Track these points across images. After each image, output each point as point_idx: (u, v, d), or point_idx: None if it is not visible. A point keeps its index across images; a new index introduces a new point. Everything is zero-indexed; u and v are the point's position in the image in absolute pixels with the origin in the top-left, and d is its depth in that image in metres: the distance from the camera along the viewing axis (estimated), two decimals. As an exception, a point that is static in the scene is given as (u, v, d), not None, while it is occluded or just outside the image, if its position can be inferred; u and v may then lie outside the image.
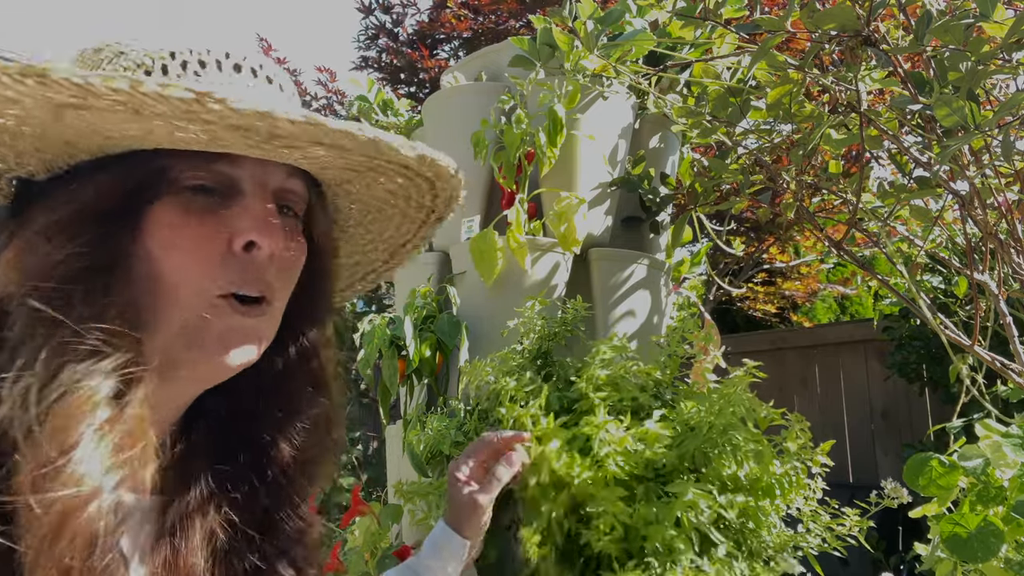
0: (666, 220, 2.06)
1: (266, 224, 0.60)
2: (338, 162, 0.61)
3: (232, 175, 0.60)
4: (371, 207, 0.73)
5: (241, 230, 0.59)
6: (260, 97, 0.62)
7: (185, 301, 0.58)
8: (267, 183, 0.62)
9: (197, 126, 0.51)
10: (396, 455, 1.82)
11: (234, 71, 0.63)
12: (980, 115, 1.07)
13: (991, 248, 1.46)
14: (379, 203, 0.72)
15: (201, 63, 0.62)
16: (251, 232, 0.59)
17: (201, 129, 0.51)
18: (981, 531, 0.98)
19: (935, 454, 1.09)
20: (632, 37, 1.61)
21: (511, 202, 1.72)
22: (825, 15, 1.14)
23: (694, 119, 1.62)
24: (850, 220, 1.55)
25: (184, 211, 0.58)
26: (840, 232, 2.78)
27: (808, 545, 1.30)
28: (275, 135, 0.52)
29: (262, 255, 0.60)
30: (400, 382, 1.74)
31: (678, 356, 1.46)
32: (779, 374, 4.36)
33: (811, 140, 1.46)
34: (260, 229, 0.59)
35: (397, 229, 0.76)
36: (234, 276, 0.59)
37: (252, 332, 0.61)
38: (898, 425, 4.06)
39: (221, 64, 0.63)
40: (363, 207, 0.73)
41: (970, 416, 1.78)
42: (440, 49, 4.82)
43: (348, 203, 0.73)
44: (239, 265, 0.59)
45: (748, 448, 1.27)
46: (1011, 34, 1.02)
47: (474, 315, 1.76)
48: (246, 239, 0.59)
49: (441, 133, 1.97)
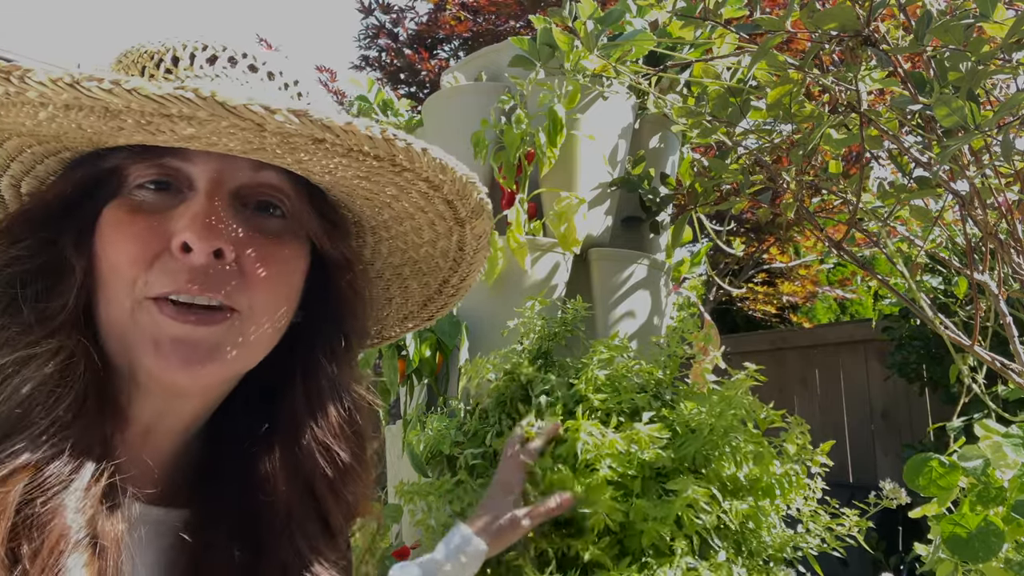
0: (666, 220, 2.06)
1: (204, 223, 0.55)
2: (267, 143, 0.53)
3: (185, 171, 0.57)
4: (398, 214, 0.66)
5: (177, 230, 0.55)
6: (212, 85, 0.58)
7: (116, 300, 0.56)
8: (224, 179, 0.58)
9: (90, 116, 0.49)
10: (396, 455, 1.82)
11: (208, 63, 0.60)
12: (980, 115, 1.07)
13: (991, 248, 1.46)
14: (395, 207, 0.65)
15: (190, 58, 0.60)
16: (185, 232, 0.54)
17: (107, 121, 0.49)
18: (981, 531, 0.98)
19: (935, 454, 1.09)
20: (632, 37, 1.61)
21: (511, 202, 1.72)
22: (825, 15, 1.14)
23: (694, 119, 1.62)
24: (850, 220, 1.55)
25: (131, 209, 0.56)
26: (840, 232, 2.78)
27: (808, 545, 1.30)
28: (185, 116, 0.48)
29: (199, 257, 0.55)
30: (400, 382, 1.74)
31: (678, 356, 1.46)
32: (779, 374, 4.36)
33: (811, 140, 1.46)
34: (196, 228, 0.54)
35: (433, 238, 0.69)
36: (167, 278, 0.55)
37: (203, 344, 0.56)
38: (898, 425, 4.06)
39: (194, 58, 0.59)
40: (393, 215, 0.66)
41: (970, 416, 1.78)
42: (440, 49, 4.82)
43: (370, 211, 0.66)
44: (175, 267, 0.55)
45: (748, 449, 1.27)
46: (1011, 34, 1.02)
47: (474, 315, 1.76)
48: (180, 239, 0.55)
49: (441, 133, 1.97)
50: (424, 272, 0.74)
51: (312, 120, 0.49)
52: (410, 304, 0.79)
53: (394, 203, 0.63)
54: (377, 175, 0.58)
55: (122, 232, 0.56)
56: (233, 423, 0.65)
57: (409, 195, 0.62)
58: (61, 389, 0.51)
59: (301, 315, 0.65)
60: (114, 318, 0.56)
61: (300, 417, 0.65)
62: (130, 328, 0.56)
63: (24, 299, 0.54)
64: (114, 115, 0.49)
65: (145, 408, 0.59)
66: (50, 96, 0.47)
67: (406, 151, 0.55)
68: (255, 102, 0.47)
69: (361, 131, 0.52)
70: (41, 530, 0.47)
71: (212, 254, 0.55)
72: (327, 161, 0.55)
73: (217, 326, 0.57)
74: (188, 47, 0.60)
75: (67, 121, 0.50)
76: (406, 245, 0.71)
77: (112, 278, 0.56)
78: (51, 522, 0.47)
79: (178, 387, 0.58)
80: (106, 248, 0.56)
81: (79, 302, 0.55)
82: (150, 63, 0.59)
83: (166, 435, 0.62)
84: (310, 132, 0.50)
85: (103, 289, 0.56)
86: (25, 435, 0.49)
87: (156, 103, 0.46)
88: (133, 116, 0.48)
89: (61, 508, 0.48)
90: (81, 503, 0.49)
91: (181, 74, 0.58)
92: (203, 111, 0.47)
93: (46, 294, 0.54)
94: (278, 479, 0.64)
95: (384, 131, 0.53)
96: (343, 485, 0.66)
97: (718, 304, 4.22)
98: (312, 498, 0.65)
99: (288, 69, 0.63)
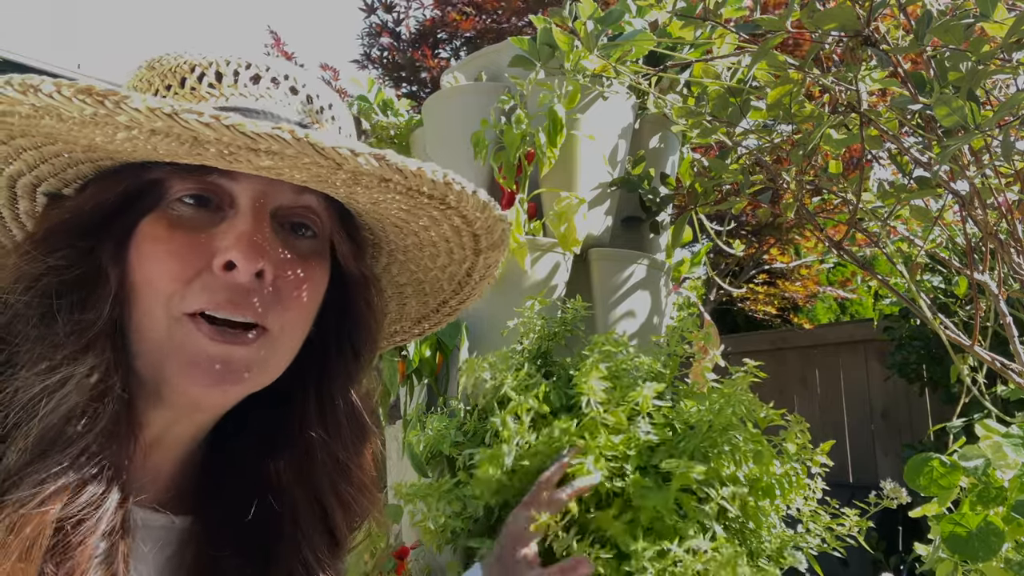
0: (666, 220, 2.06)
1: (250, 243, 0.56)
2: (334, 178, 0.56)
3: (227, 189, 0.58)
4: (422, 242, 0.68)
5: (221, 248, 0.56)
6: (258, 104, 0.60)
7: (150, 314, 0.56)
8: (266, 200, 0.58)
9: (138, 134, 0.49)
10: (396, 455, 1.82)
11: (252, 82, 0.60)
12: (980, 115, 1.07)
13: (991, 248, 1.46)
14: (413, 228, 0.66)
15: (235, 74, 0.60)
16: (231, 251, 0.55)
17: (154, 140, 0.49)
18: (981, 531, 0.98)
19: (935, 454, 1.09)
20: (632, 37, 1.61)
21: (511, 202, 1.72)
22: (825, 15, 1.14)
23: (694, 119, 1.62)
24: (850, 220, 1.55)
25: (170, 224, 0.57)
26: (840, 232, 2.78)
27: (808, 545, 1.30)
28: (251, 148, 0.49)
29: (242, 277, 0.56)
30: (400, 382, 1.74)
31: (678, 356, 1.46)
32: (779, 374, 4.36)
33: (811, 140, 1.46)
34: (242, 248, 0.55)
35: (446, 263, 0.71)
36: (206, 295, 0.55)
37: (237, 363, 0.57)
38: (898, 425, 4.06)
39: (239, 76, 0.60)
40: (416, 241, 0.68)
41: (970, 416, 1.78)
42: (442, 48, 4.82)
43: (393, 232, 0.68)
44: (216, 284, 0.56)
45: (748, 448, 1.27)
46: (1011, 34, 1.02)
47: (474, 315, 1.76)
48: (225, 258, 0.55)
49: (441, 133, 1.97)
50: (426, 292, 0.76)
51: (389, 164, 0.52)
52: (404, 320, 0.80)
53: (422, 232, 0.65)
54: (420, 209, 0.60)
55: (162, 247, 0.56)
56: (239, 431, 0.66)
57: (440, 227, 0.64)
58: (98, 408, 0.52)
59: (314, 329, 0.65)
60: (148, 333, 0.56)
61: (311, 428, 0.65)
62: (166, 344, 0.56)
63: (59, 310, 0.53)
64: (199, 144, 0.49)
65: (157, 419, 0.59)
66: (142, 122, 0.47)
67: (459, 193, 0.58)
68: (343, 146, 0.49)
69: (428, 175, 0.54)
70: (71, 551, 0.48)
71: (255, 274, 0.56)
72: (380, 195, 0.57)
73: (249, 346, 0.57)
74: (231, 63, 0.60)
75: (145, 143, 0.50)
76: (417, 268, 0.72)
77: (148, 292, 0.56)
78: (81, 543, 0.48)
79: (204, 404, 0.59)
80: (144, 262, 0.56)
81: (113, 314, 0.55)
82: (191, 75, 0.59)
83: (173, 445, 0.62)
84: (382, 174, 0.53)
85: (137, 302, 0.56)
86: (62, 455, 0.49)
87: (249, 139, 0.47)
88: (218, 147, 0.49)
89: (91, 530, 0.49)
90: (110, 525, 0.50)
91: (225, 91, 0.59)
92: (291, 149, 0.48)
93: (80, 305, 0.54)
94: (287, 488, 0.64)
95: (446, 175, 0.56)
96: (351, 497, 0.67)
97: (718, 304, 4.22)
98: (320, 508, 0.65)
99: (324, 93, 0.64)
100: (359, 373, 0.69)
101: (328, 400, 0.67)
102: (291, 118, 0.60)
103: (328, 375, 0.67)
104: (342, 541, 0.67)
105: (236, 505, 0.63)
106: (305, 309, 0.62)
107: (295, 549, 0.63)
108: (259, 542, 0.63)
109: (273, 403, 0.65)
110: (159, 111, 0.45)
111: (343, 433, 0.67)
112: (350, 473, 0.67)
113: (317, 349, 0.66)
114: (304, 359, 0.65)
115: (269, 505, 0.64)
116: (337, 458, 0.66)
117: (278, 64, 0.62)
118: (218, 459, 0.66)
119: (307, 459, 0.65)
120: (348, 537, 0.68)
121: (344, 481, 0.66)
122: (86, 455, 0.50)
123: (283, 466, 0.65)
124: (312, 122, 0.62)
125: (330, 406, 0.67)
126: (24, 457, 0.48)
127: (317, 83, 0.64)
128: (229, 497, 0.64)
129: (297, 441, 0.65)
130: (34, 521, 0.46)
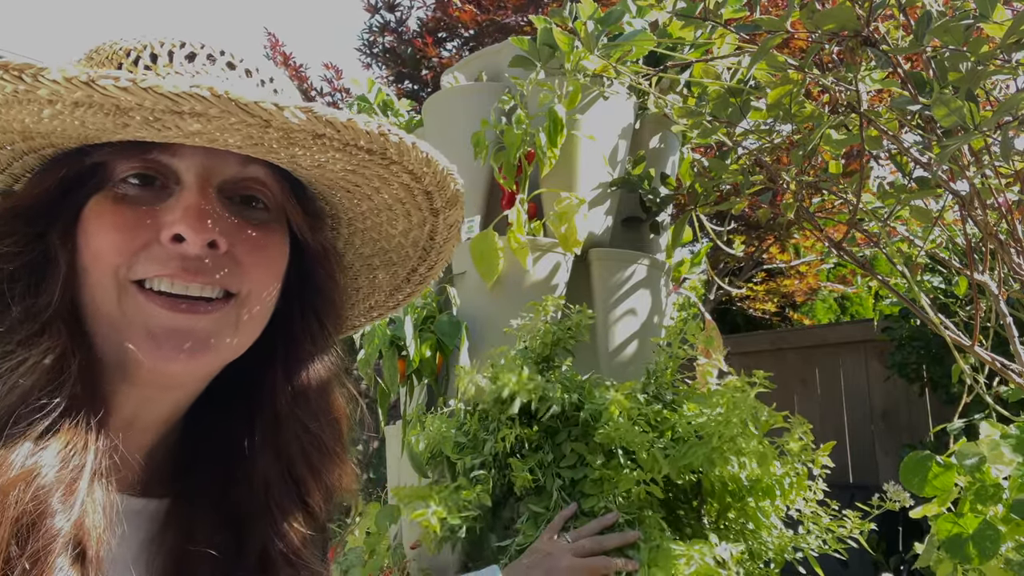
0: (666, 220, 2.06)
1: (198, 214, 0.56)
2: (267, 138, 0.54)
3: (170, 165, 0.58)
4: (376, 206, 0.68)
5: (168, 222, 0.56)
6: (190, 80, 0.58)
7: (100, 288, 0.56)
8: (211, 174, 0.58)
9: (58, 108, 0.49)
10: (396, 455, 1.82)
11: (188, 61, 0.60)
12: (980, 115, 1.07)
13: (991, 248, 1.46)
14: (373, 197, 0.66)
15: (168, 55, 0.60)
16: (178, 224, 0.55)
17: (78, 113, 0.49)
18: (980, 531, 0.98)
19: (931, 454, 1.09)
20: (632, 37, 1.61)
21: (511, 202, 1.72)
22: (825, 15, 1.14)
23: (694, 119, 1.62)
24: (850, 220, 1.55)
25: (115, 201, 0.57)
26: (840, 232, 2.77)
27: (808, 546, 1.30)
28: (175, 111, 0.49)
29: (193, 248, 0.56)
30: (400, 382, 1.74)
31: (679, 357, 1.46)
32: (779, 374, 4.33)
33: (811, 140, 1.46)
34: (190, 220, 0.55)
35: (406, 228, 0.71)
36: (155, 265, 0.55)
37: (199, 332, 0.57)
38: (898, 426, 4.06)
39: (173, 55, 0.60)
40: (371, 206, 0.68)
41: (971, 417, 1.78)
42: (444, 48, 4.82)
43: (347, 200, 0.68)
44: (165, 255, 0.56)
45: (751, 449, 1.27)
46: (1010, 34, 1.02)
47: (474, 315, 1.76)
48: (172, 231, 0.56)
49: (441, 133, 1.97)
50: (394, 262, 0.76)
51: (317, 116, 0.51)
52: (377, 294, 0.80)
53: (374, 195, 0.65)
54: (364, 167, 0.60)
55: (106, 221, 0.56)
56: (209, 409, 0.66)
57: (391, 187, 0.64)
58: (54, 389, 0.52)
59: (280, 303, 0.66)
60: (102, 308, 0.56)
61: (281, 401, 0.66)
62: (119, 318, 0.56)
63: (12, 296, 0.54)
64: (123, 112, 0.49)
65: (129, 399, 0.59)
66: (62, 94, 0.47)
67: (398, 145, 0.57)
68: (265, 100, 0.49)
69: (360, 127, 0.53)
70: (34, 533, 0.47)
71: (206, 245, 0.56)
72: (320, 155, 0.56)
73: (211, 315, 0.58)
74: (166, 44, 0.60)
75: (71, 118, 0.50)
76: (379, 235, 0.73)
77: (96, 267, 0.56)
78: (43, 524, 0.48)
79: (171, 377, 0.59)
80: (90, 239, 0.56)
81: (65, 295, 0.55)
82: (127, 60, 0.59)
83: (147, 427, 0.62)
84: (312, 128, 0.52)
85: (88, 280, 0.56)
86: (20, 438, 0.49)
87: (170, 100, 0.47)
88: (142, 113, 0.49)
89: (53, 511, 0.48)
90: (72, 505, 0.50)
91: (161, 71, 0.59)
92: (215, 108, 0.48)
93: (34, 290, 0.55)
94: (258, 461, 0.65)
95: (380, 126, 0.55)
96: (323, 466, 0.68)
97: (718, 304, 4.22)
98: (292, 479, 0.66)
99: (263, 66, 0.65)
100: (325, 345, 0.70)
101: (295, 371, 0.67)
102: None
103: (294, 347, 0.68)
104: (317, 512, 0.68)
105: (211, 482, 0.64)
106: (269, 272, 0.62)
107: (271, 521, 0.64)
108: (235, 517, 0.63)
109: (242, 378, 0.66)
110: (76, 79, 0.46)
111: (312, 404, 0.68)
112: (321, 443, 0.68)
113: (282, 323, 0.67)
114: (270, 333, 0.65)
115: (243, 479, 0.64)
116: (308, 428, 0.67)
117: (214, 42, 0.62)
118: (189, 439, 0.67)
119: (278, 431, 0.66)
120: (323, 508, 0.69)
121: (315, 451, 0.67)
122: (42, 438, 0.50)
123: (255, 440, 0.66)
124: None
125: (297, 377, 0.67)
126: None
127: (257, 59, 0.64)
128: (204, 475, 0.64)
129: (267, 413, 0.66)
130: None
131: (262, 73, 0.64)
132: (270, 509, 0.64)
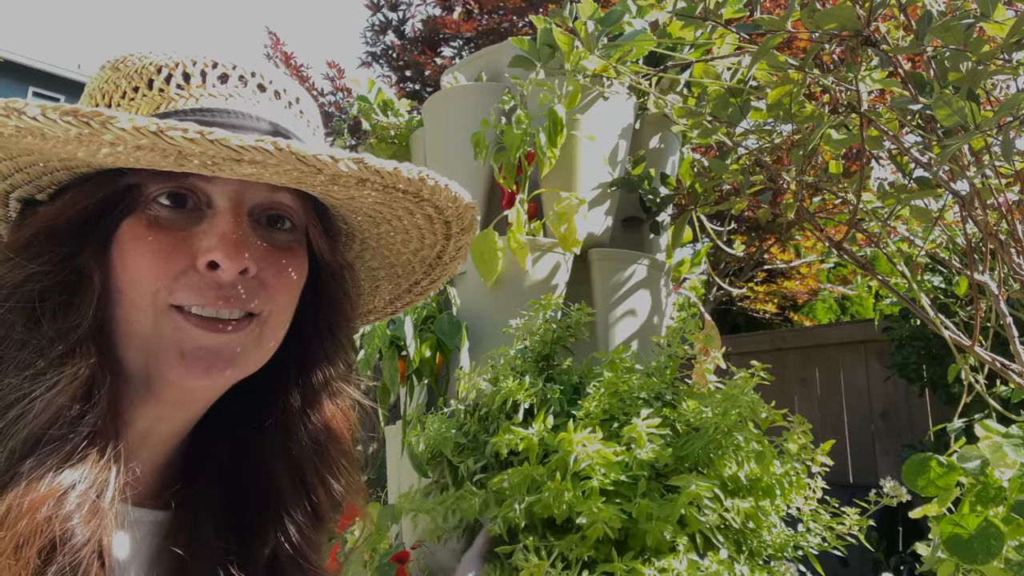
0: (666, 220, 2.06)
1: (234, 243, 0.57)
2: (313, 180, 0.56)
3: (204, 189, 0.59)
4: (394, 229, 0.70)
5: (204, 249, 0.57)
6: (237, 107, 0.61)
7: (136, 311, 0.57)
8: (243, 199, 0.60)
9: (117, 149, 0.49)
10: (396, 455, 1.82)
11: (220, 83, 0.61)
12: (980, 115, 1.07)
13: (991, 248, 1.46)
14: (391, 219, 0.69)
15: (203, 74, 0.60)
16: (214, 251, 0.57)
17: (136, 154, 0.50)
18: (981, 532, 0.98)
19: (934, 454, 1.09)
20: (632, 37, 1.61)
21: (511, 202, 1.72)
22: (825, 15, 1.14)
23: (694, 119, 1.62)
24: (850, 220, 1.55)
25: (149, 225, 0.57)
26: (840, 232, 2.78)
27: (808, 545, 1.30)
28: (233, 159, 0.50)
29: (227, 276, 0.57)
30: (400, 382, 1.74)
31: (678, 357, 1.46)
32: (779, 374, 4.35)
33: (811, 140, 1.46)
34: (226, 249, 0.57)
35: (418, 248, 0.73)
36: (193, 293, 0.57)
37: (226, 350, 0.59)
38: (898, 425, 4.06)
39: (207, 76, 0.61)
40: (389, 229, 0.70)
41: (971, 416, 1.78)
42: (445, 47, 4.82)
43: (365, 221, 0.70)
44: (203, 283, 0.57)
45: (750, 447, 1.27)
46: (1011, 34, 1.02)
47: (474, 315, 1.76)
48: (209, 258, 0.57)
49: (441, 133, 1.97)
50: (399, 275, 0.78)
51: (367, 167, 0.54)
52: (377, 300, 0.82)
53: (395, 221, 0.67)
54: (394, 202, 0.62)
55: (142, 246, 0.57)
56: (219, 418, 0.67)
57: (413, 216, 0.66)
58: (83, 409, 0.52)
59: (294, 315, 0.67)
60: (135, 330, 0.57)
61: (294, 410, 0.68)
62: (153, 339, 0.57)
63: (43, 314, 0.54)
64: (183, 156, 0.50)
65: (145, 415, 0.60)
66: (127, 140, 0.47)
67: (432, 188, 0.60)
68: (324, 152, 0.51)
69: (404, 175, 0.57)
70: (61, 549, 0.48)
71: (239, 272, 0.58)
72: (356, 192, 0.58)
73: (235, 333, 0.59)
74: (198, 63, 0.61)
75: (128, 157, 0.50)
76: (390, 253, 0.74)
77: (133, 290, 0.57)
78: (70, 541, 0.48)
79: (195, 393, 0.60)
80: (127, 263, 0.57)
81: (97, 315, 0.56)
82: (158, 77, 0.59)
83: (160, 440, 0.63)
84: (360, 175, 0.55)
85: (122, 301, 0.57)
86: (50, 456, 0.50)
87: (234, 151, 0.49)
88: (202, 159, 0.50)
89: (79, 528, 0.49)
90: (97, 521, 0.50)
91: (195, 92, 0.60)
92: (274, 159, 0.50)
93: (64, 308, 0.55)
94: (270, 469, 0.66)
95: (420, 172, 0.58)
96: (332, 476, 0.69)
97: (718, 304, 4.22)
98: (303, 487, 0.68)
99: (291, 87, 0.66)
100: (336, 354, 0.71)
101: (307, 379, 0.69)
102: (262, 115, 0.61)
103: (307, 356, 0.69)
104: (324, 517, 0.69)
105: (215, 493, 0.65)
106: (289, 293, 0.64)
107: (281, 527, 0.65)
108: (241, 524, 0.64)
109: (254, 387, 0.67)
110: (145, 129, 0.46)
111: (323, 411, 0.69)
112: (330, 449, 0.69)
113: (296, 334, 0.68)
114: (285, 346, 0.67)
115: (252, 484, 0.66)
116: (318, 435, 0.68)
117: (243, 61, 0.63)
118: (199, 448, 0.67)
119: (288, 436, 0.67)
120: (331, 514, 0.70)
121: (325, 457, 0.69)
122: (76, 456, 0.51)
123: (266, 445, 0.67)
124: (283, 121, 0.63)
125: (309, 385, 0.69)
126: (13, 458, 0.49)
127: (282, 78, 0.66)
128: (212, 482, 0.65)
129: (278, 420, 0.68)
130: (24, 520, 0.47)
131: (289, 95, 0.65)
132: (281, 515, 0.66)
